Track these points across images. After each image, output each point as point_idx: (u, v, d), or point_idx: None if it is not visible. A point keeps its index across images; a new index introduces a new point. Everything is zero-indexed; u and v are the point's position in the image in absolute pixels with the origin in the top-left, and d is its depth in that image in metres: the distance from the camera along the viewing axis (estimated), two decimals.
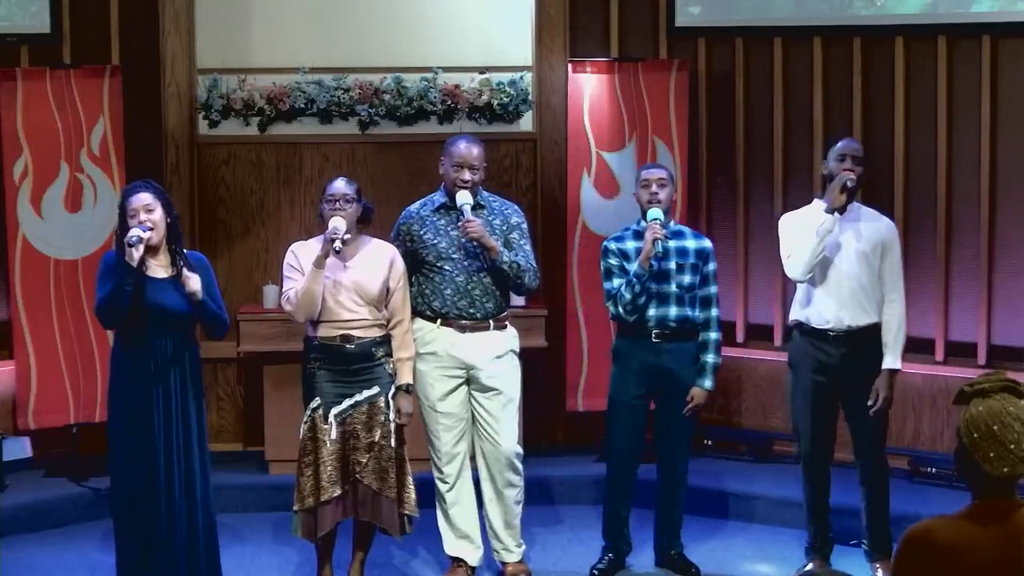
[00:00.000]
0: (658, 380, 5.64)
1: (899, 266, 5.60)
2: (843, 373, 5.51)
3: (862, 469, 5.62)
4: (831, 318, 5.51)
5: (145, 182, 5.16)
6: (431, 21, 7.28)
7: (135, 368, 5.04)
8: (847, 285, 5.49)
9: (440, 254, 5.52)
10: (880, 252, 5.53)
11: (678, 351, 5.62)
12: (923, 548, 2.89)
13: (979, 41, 6.66)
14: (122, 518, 5.11)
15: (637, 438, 5.68)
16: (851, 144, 5.65)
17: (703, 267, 5.66)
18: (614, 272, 5.62)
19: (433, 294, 5.54)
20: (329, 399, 5.29)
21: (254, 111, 7.17)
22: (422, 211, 5.62)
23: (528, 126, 7.33)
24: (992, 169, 6.68)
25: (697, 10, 7.33)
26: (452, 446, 5.58)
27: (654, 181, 5.60)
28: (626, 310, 5.56)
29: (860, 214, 5.60)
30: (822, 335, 5.52)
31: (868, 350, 5.50)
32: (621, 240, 5.68)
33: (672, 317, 5.59)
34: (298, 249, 5.43)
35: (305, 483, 5.27)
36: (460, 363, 5.53)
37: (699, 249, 5.68)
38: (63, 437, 6.87)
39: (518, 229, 5.62)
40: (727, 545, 6.22)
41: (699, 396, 5.64)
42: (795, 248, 5.52)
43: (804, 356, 5.57)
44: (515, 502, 5.64)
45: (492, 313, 5.56)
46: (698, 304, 5.65)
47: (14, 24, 7.06)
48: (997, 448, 2.89)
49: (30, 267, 6.74)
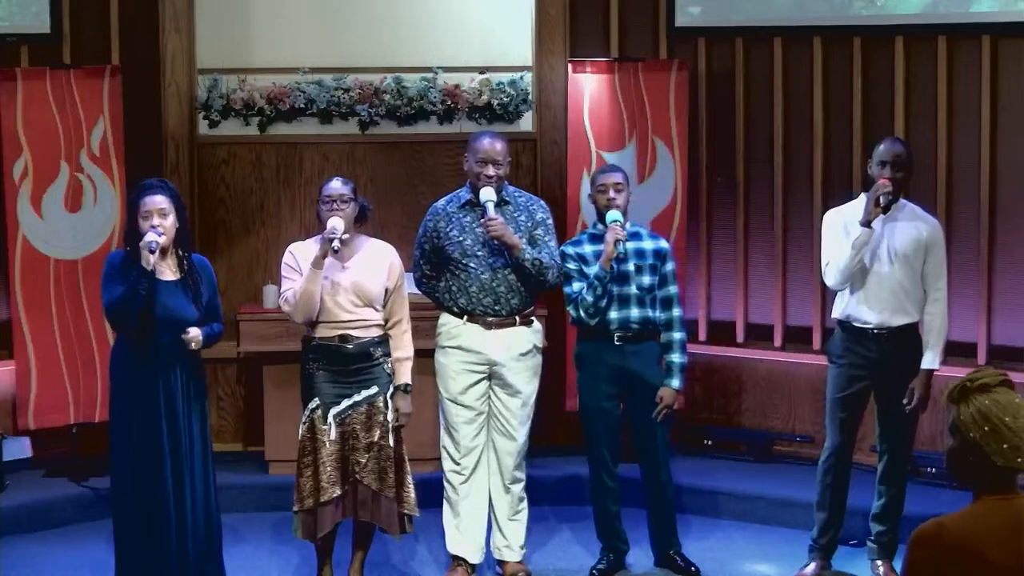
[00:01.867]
0: (625, 382, 5.66)
1: (943, 266, 5.58)
2: (881, 369, 5.51)
3: (885, 466, 5.59)
4: (872, 320, 5.50)
5: (162, 182, 5.16)
6: (431, 21, 7.29)
7: (139, 368, 5.05)
8: (887, 286, 5.48)
9: (466, 251, 5.54)
10: (923, 253, 5.51)
11: (642, 352, 5.66)
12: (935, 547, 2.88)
13: (979, 41, 6.66)
14: (123, 518, 5.11)
15: (615, 440, 5.73)
16: (893, 148, 5.52)
17: (661, 267, 5.69)
18: (573, 276, 5.64)
19: (459, 291, 5.56)
20: (328, 399, 5.29)
21: (254, 111, 7.18)
22: (448, 207, 5.63)
23: (528, 126, 7.34)
24: (992, 169, 6.68)
25: (697, 10, 7.33)
26: (471, 439, 5.60)
27: (611, 186, 5.61)
28: (588, 313, 5.58)
29: (904, 214, 5.55)
30: (864, 333, 5.52)
31: (908, 349, 5.51)
32: (578, 244, 5.72)
33: (634, 319, 5.62)
34: (296, 249, 5.43)
35: (305, 484, 5.27)
36: (485, 359, 5.56)
37: (656, 249, 5.70)
38: (63, 437, 6.87)
39: (543, 225, 5.64)
40: (727, 545, 6.22)
41: (668, 396, 5.66)
42: (832, 257, 5.51)
43: (845, 351, 5.57)
44: (519, 498, 5.69)
45: (518, 309, 5.58)
46: (659, 305, 5.67)
47: (14, 24, 7.06)
48: (1011, 439, 2.88)
49: (30, 267, 6.74)
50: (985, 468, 2.91)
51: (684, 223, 7.14)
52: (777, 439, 7.13)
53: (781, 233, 7.20)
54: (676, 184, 7.12)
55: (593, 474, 5.80)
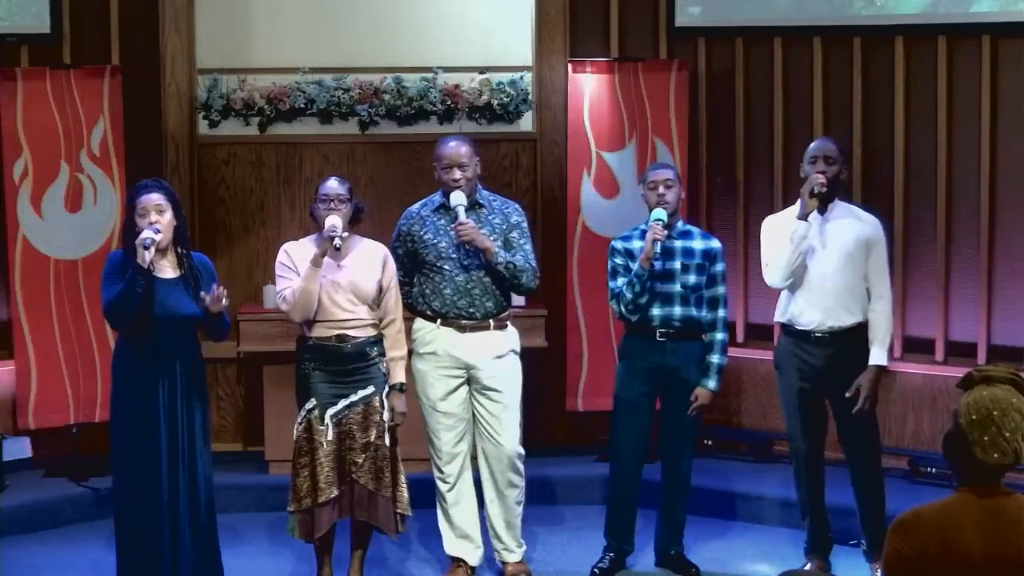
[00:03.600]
0: (663, 379, 5.64)
1: (885, 263, 5.54)
2: (828, 374, 5.47)
3: (853, 471, 5.57)
4: (815, 320, 5.47)
5: (156, 181, 5.16)
6: (431, 21, 7.29)
7: (139, 367, 5.04)
8: (831, 286, 5.45)
9: (440, 253, 5.52)
10: (864, 250, 5.47)
11: (683, 350, 5.62)
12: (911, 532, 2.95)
13: (979, 41, 6.66)
14: (123, 517, 5.11)
15: (642, 437, 5.68)
16: (824, 144, 5.56)
17: (710, 268, 5.66)
18: (619, 271, 5.62)
19: (433, 294, 5.54)
20: (324, 400, 5.29)
21: (254, 111, 7.18)
22: (422, 211, 5.62)
23: (528, 126, 7.34)
24: (992, 169, 6.68)
25: (697, 10, 7.33)
26: (453, 446, 5.58)
27: (661, 182, 5.58)
28: (627, 309, 5.57)
29: (843, 212, 5.53)
30: (806, 336, 5.49)
31: (854, 350, 5.46)
32: (628, 240, 5.69)
33: (677, 317, 5.59)
34: (290, 248, 5.43)
35: (301, 484, 5.27)
36: (460, 363, 5.53)
37: (706, 250, 5.67)
38: (63, 437, 6.87)
39: (518, 228, 5.62)
40: (727, 545, 6.21)
41: (703, 396, 5.64)
42: (772, 255, 5.50)
43: (789, 358, 5.54)
44: (516, 502, 5.65)
45: (492, 312, 5.56)
46: (705, 304, 5.65)
47: (14, 24, 7.06)
48: (992, 433, 2.94)
49: (30, 267, 6.74)
50: (968, 457, 2.98)
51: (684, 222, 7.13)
52: (777, 439, 7.12)
53: None
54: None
55: (613, 469, 5.76)
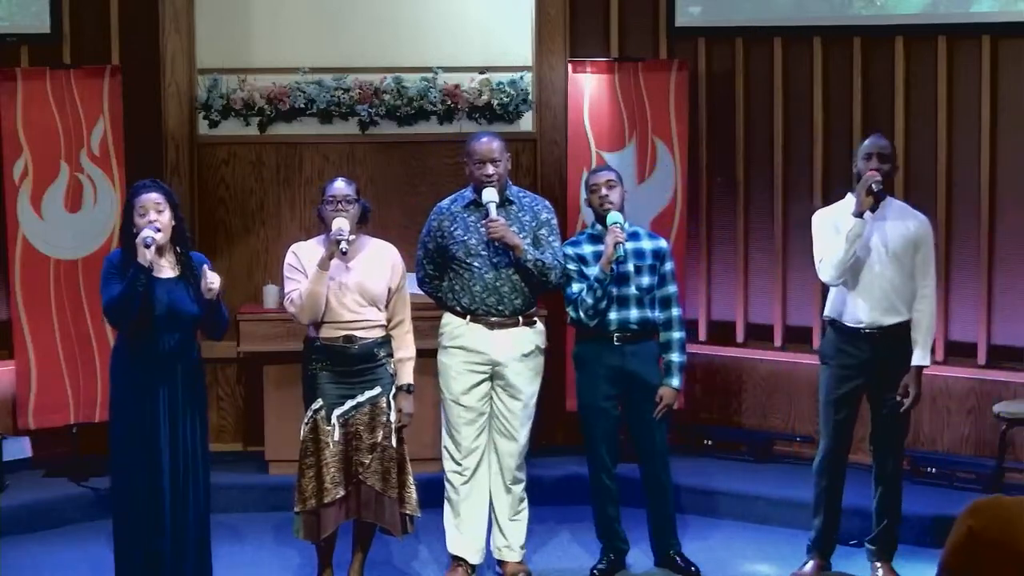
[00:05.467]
0: (624, 383, 5.67)
1: (932, 262, 5.57)
2: (872, 369, 5.51)
3: (879, 467, 5.59)
4: (863, 318, 5.50)
5: (154, 181, 5.15)
6: (431, 21, 7.29)
7: (139, 367, 5.04)
8: (879, 285, 5.47)
9: (469, 250, 5.53)
10: (912, 250, 5.50)
11: (641, 352, 5.66)
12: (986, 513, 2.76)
13: (979, 41, 6.66)
14: (122, 518, 5.10)
15: (613, 440, 5.73)
16: (877, 141, 5.59)
17: (660, 267, 5.70)
18: (573, 277, 5.64)
19: (462, 290, 5.56)
20: (331, 400, 5.28)
21: (254, 111, 7.18)
22: (453, 207, 5.63)
23: (528, 126, 7.34)
24: (992, 169, 6.69)
25: (697, 10, 7.33)
26: (473, 440, 5.60)
27: (602, 184, 5.62)
28: (588, 315, 5.58)
29: (892, 211, 5.55)
30: (854, 333, 5.52)
31: (898, 347, 5.49)
32: (577, 244, 5.72)
33: (633, 320, 5.62)
34: (298, 250, 5.42)
35: (307, 484, 5.26)
36: (487, 359, 5.56)
37: (655, 249, 5.70)
38: (63, 437, 6.87)
39: (547, 225, 5.63)
40: (727, 545, 6.22)
41: (668, 395, 5.66)
42: (826, 252, 5.51)
43: (836, 352, 5.57)
44: (520, 498, 5.68)
45: (520, 309, 5.57)
46: (658, 304, 5.68)
47: (14, 24, 7.06)
48: None
49: (30, 267, 6.74)
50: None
51: (684, 223, 7.14)
52: (777, 439, 7.13)
53: (781, 233, 7.20)
54: (676, 184, 7.12)
55: (592, 474, 5.80)
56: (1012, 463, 6.50)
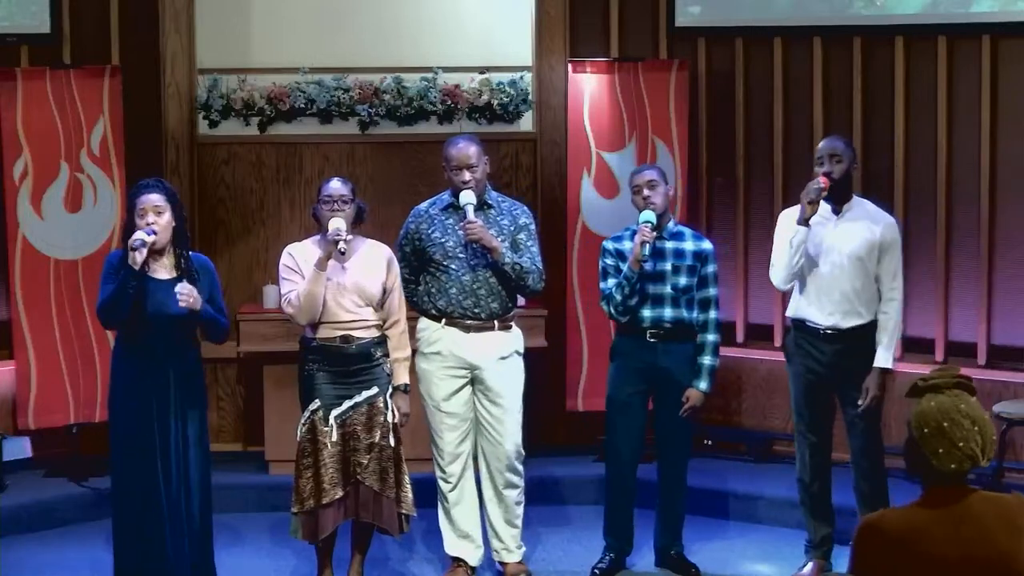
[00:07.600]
0: (654, 379, 5.64)
1: (898, 266, 5.53)
2: (836, 369, 5.49)
3: (855, 469, 5.57)
4: (821, 322, 5.48)
5: (158, 181, 5.15)
6: (431, 21, 7.29)
7: (136, 369, 5.05)
8: (838, 288, 5.45)
9: (447, 252, 5.52)
10: (876, 253, 5.47)
11: (675, 351, 5.62)
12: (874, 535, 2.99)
13: (979, 41, 6.66)
14: (122, 518, 5.11)
15: (637, 437, 5.68)
16: (829, 143, 5.54)
17: (701, 269, 5.65)
18: (610, 272, 5.63)
19: (439, 293, 5.54)
20: (328, 401, 5.28)
21: (254, 111, 7.18)
22: (431, 210, 5.62)
23: (528, 126, 7.34)
24: (992, 169, 6.68)
25: (697, 10, 7.33)
26: (456, 446, 5.58)
27: (644, 184, 5.59)
28: (617, 310, 5.57)
29: (857, 213, 5.52)
30: (815, 332, 5.51)
31: (861, 349, 5.46)
32: (619, 240, 5.69)
33: (667, 318, 5.60)
34: (294, 250, 5.42)
35: (305, 485, 5.26)
36: (464, 363, 5.53)
37: (697, 251, 5.66)
38: (63, 437, 6.87)
39: (526, 230, 5.61)
40: (727, 545, 6.22)
41: (695, 398, 5.64)
42: (776, 257, 5.51)
43: (798, 350, 5.57)
44: (516, 502, 5.65)
45: (497, 313, 5.55)
46: (696, 306, 5.65)
47: (14, 24, 7.05)
48: (945, 444, 2.96)
49: (30, 267, 6.74)
50: (927, 466, 3.00)
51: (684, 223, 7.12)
52: (777, 439, 7.13)
53: None
54: (676, 184, 7.11)
55: (609, 469, 5.77)
56: (1012, 463, 6.50)
